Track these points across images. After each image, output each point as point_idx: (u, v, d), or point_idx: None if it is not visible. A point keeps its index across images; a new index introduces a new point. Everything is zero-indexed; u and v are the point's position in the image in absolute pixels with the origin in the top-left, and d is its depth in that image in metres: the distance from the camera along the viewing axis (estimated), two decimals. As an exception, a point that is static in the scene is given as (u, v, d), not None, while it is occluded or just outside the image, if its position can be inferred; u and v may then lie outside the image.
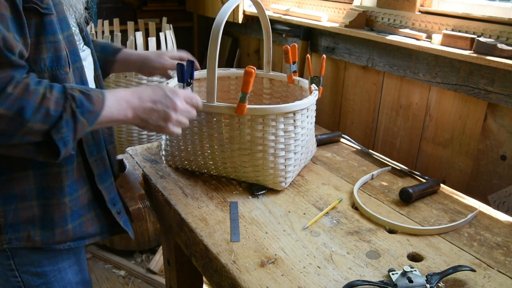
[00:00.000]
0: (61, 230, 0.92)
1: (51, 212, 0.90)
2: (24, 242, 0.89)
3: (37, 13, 0.77)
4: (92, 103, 0.80)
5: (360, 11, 1.64)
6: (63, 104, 0.76)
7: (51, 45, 0.80)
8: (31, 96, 0.72)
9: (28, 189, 0.87)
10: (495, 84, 1.27)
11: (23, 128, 0.72)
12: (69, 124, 0.76)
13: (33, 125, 0.73)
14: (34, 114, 0.72)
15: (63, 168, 0.89)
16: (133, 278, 2.16)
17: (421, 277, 0.82)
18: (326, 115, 2.01)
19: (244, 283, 0.83)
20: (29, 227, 0.89)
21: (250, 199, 1.12)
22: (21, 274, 0.93)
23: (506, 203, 1.32)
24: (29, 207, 0.88)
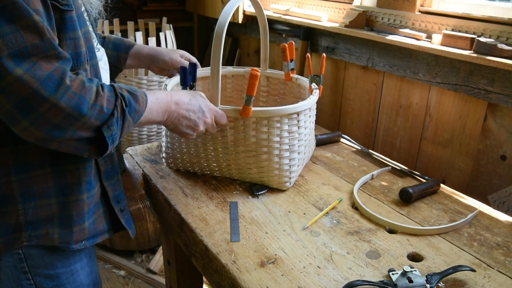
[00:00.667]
0: (79, 228, 0.92)
1: (70, 209, 0.90)
2: (43, 240, 0.89)
3: (58, 9, 0.78)
4: (138, 103, 0.84)
5: (360, 11, 1.64)
6: (114, 102, 0.79)
7: (71, 41, 0.81)
8: (87, 92, 0.75)
9: (47, 187, 0.87)
10: (495, 84, 1.27)
11: (77, 122, 0.75)
12: (119, 121, 0.80)
13: (87, 121, 0.75)
14: (89, 110, 0.75)
15: (81, 165, 0.90)
16: (133, 278, 2.16)
17: (421, 277, 0.82)
18: (326, 115, 2.01)
19: (244, 283, 0.83)
20: (48, 225, 0.89)
21: (250, 199, 1.12)
22: (34, 276, 0.92)
23: (506, 203, 1.32)
24: (48, 204, 0.88)
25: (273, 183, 1.14)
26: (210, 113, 1.01)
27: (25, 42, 0.69)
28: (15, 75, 0.68)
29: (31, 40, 0.69)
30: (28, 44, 0.69)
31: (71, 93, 0.73)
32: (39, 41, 0.70)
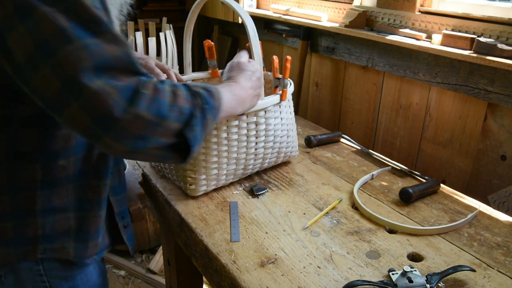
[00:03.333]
0: (94, 243, 0.91)
1: (88, 224, 0.89)
2: (58, 253, 0.88)
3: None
4: (215, 99, 0.81)
5: (360, 11, 1.64)
6: (192, 102, 0.75)
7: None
8: (163, 95, 0.71)
9: (68, 202, 0.86)
10: (495, 84, 1.27)
11: (159, 128, 0.71)
12: (200, 121, 0.76)
13: (169, 125, 0.71)
14: (169, 112, 0.71)
15: (102, 181, 0.89)
16: (133, 278, 2.16)
17: (421, 277, 0.82)
18: (326, 115, 2.01)
19: (244, 283, 0.83)
20: (65, 239, 0.88)
21: (250, 199, 1.12)
22: (50, 279, 0.91)
23: (506, 203, 1.32)
24: (66, 218, 0.87)
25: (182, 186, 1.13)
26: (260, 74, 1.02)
27: (108, 55, 0.66)
28: (94, 88, 0.64)
29: (114, 53, 0.67)
30: (111, 56, 0.66)
31: (148, 99, 0.69)
32: (121, 53, 0.68)
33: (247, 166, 1.17)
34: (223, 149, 1.09)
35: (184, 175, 1.10)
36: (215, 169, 1.10)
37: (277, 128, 1.18)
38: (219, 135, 1.07)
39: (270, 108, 1.14)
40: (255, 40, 1.06)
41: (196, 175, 1.09)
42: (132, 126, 0.68)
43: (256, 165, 1.20)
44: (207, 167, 1.09)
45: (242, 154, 1.13)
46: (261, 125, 1.13)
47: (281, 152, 1.24)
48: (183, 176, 1.11)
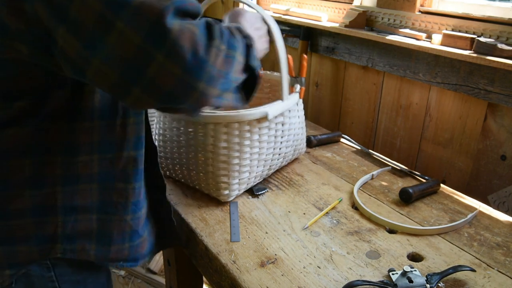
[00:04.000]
0: (118, 247, 0.87)
1: (111, 228, 0.85)
2: (78, 254, 0.84)
3: None
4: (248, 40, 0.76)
5: (360, 11, 1.64)
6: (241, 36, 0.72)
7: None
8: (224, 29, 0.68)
9: (91, 202, 0.82)
10: (495, 84, 1.27)
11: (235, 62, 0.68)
12: (254, 50, 0.74)
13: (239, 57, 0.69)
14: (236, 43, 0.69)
15: (130, 185, 0.85)
16: (133, 278, 2.16)
17: (421, 277, 0.82)
18: (326, 115, 2.01)
19: (244, 283, 0.83)
20: (85, 240, 0.84)
21: (250, 199, 1.12)
22: (61, 284, 0.86)
23: (506, 203, 1.32)
24: (88, 220, 0.83)
25: (212, 193, 1.10)
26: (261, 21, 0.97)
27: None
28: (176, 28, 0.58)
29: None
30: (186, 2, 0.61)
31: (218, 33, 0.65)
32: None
33: (271, 166, 1.18)
34: (255, 151, 1.08)
35: (217, 181, 1.06)
36: (247, 172, 1.08)
37: (296, 127, 1.21)
38: (252, 137, 1.05)
39: (292, 107, 1.17)
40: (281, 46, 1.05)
41: (230, 180, 1.06)
42: (217, 62, 0.64)
43: (277, 164, 1.22)
44: (240, 171, 1.07)
45: (269, 155, 1.14)
46: (286, 124, 1.15)
47: (297, 149, 1.27)
48: (215, 183, 1.06)
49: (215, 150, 1.03)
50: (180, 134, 1.06)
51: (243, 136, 1.04)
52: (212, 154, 1.04)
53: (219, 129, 1.02)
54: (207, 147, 1.03)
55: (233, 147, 1.04)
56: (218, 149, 1.03)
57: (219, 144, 1.03)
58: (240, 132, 1.03)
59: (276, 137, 1.14)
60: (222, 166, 1.04)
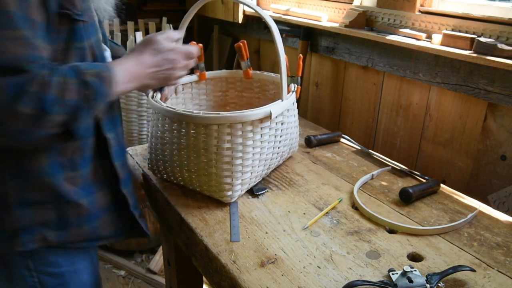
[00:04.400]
0: (76, 230, 0.92)
1: (67, 214, 0.90)
2: (39, 243, 0.89)
3: (70, 19, 0.78)
4: (106, 86, 0.81)
5: (360, 11, 1.64)
6: (80, 93, 0.76)
7: (79, 51, 0.82)
8: (49, 89, 0.72)
9: (44, 193, 0.86)
10: (495, 84, 1.27)
11: (43, 122, 0.73)
12: (86, 112, 0.78)
13: (52, 118, 0.73)
14: (52, 107, 0.72)
15: (78, 172, 0.90)
16: (133, 278, 2.16)
17: (421, 277, 0.82)
18: (326, 115, 2.01)
19: (244, 283, 0.83)
20: (44, 230, 0.88)
21: (250, 199, 1.12)
22: (39, 275, 0.93)
23: (506, 203, 1.32)
24: (44, 210, 0.87)
25: (214, 194, 1.08)
26: (179, 55, 0.95)
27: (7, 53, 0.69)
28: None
29: (11, 52, 0.69)
30: (4, 57, 0.69)
31: (32, 93, 0.71)
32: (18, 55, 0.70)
33: (270, 165, 1.19)
34: (256, 151, 1.07)
35: (220, 183, 1.05)
36: (249, 172, 1.08)
37: (292, 125, 1.22)
38: (254, 137, 1.05)
39: (290, 106, 1.17)
40: (280, 46, 1.07)
41: (234, 181, 1.05)
42: (15, 122, 0.70)
43: (275, 163, 1.23)
44: (243, 171, 1.06)
45: (269, 154, 1.14)
46: (284, 123, 1.16)
47: (292, 147, 1.28)
48: (218, 184, 1.05)
49: (219, 151, 1.02)
50: (181, 136, 1.05)
51: (246, 137, 1.03)
52: (215, 156, 1.03)
53: (222, 130, 1.01)
54: (210, 148, 1.02)
55: (236, 148, 1.03)
56: (221, 150, 1.02)
57: (223, 145, 1.02)
58: (243, 132, 1.02)
59: (276, 136, 1.14)
60: (225, 167, 1.03)
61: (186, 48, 0.97)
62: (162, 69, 0.93)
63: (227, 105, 1.47)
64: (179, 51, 0.95)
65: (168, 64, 0.94)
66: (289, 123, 1.20)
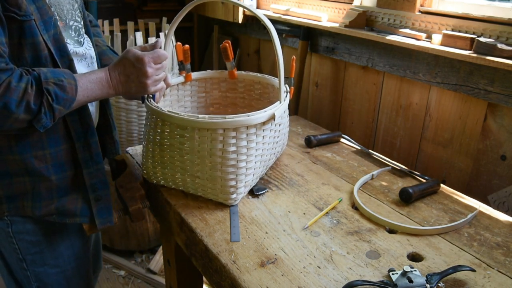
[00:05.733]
0: (46, 203, 1.03)
1: (40, 187, 1.02)
2: (21, 211, 1.03)
3: (15, 20, 0.86)
4: (66, 92, 0.91)
5: (360, 11, 1.64)
6: (41, 99, 0.87)
7: (31, 46, 0.90)
8: (13, 92, 0.84)
9: (19, 169, 0.99)
10: (495, 84, 1.27)
11: (9, 119, 0.86)
12: (47, 114, 0.89)
13: (17, 117, 0.86)
14: (17, 107, 0.84)
15: (47, 151, 1.00)
16: (133, 278, 2.16)
17: (421, 277, 0.82)
18: (326, 115, 2.01)
19: (244, 283, 0.83)
20: (24, 199, 1.02)
21: (250, 199, 1.12)
22: (18, 241, 1.06)
23: (506, 203, 1.32)
24: (22, 182, 1.01)
25: (218, 198, 1.08)
26: (147, 63, 0.98)
27: None
28: None
29: None
30: None
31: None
32: None
33: (267, 165, 1.21)
34: (258, 153, 1.08)
35: (225, 186, 1.05)
36: (251, 174, 1.09)
37: (286, 126, 1.25)
38: (257, 139, 1.05)
39: (286, 108, 1.20)
40: (279, 49, 1.07)
41: (238, 184, 1.06)
42: None
43: (272, 162, 1.25)
44: (246, 174, 1.07)
45: (268, 155, 1.16)
46: (281, 124, 1.18)
47: (283, 145, 1.31)
48: (223, 187, 1.05)
49: (224, 155, 1.01)
50: (183, 141, 1.04)
51: (250, 139, 1.03)
52: (221, 159, 1.02)
53: (228, 134, 1.00)
54: (216, 152, 1.01)
55: (241, 151, 1.03)
56: (227, 154, 1.01)
57: (228, 149, 1.01)
58: (248, 135, 1.03)
59: (275, 137, 1.15)
60: (230, 170, 1.03)
61: (153, 53, 1.01)
62: (134, 77, 0.99)
63: (211, 106, 1.46)
64: (148, 59, 0.99)
65: (139, 72, 0.99)
66: (284, 123, 1.24)
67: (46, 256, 1.10)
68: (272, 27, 1.08)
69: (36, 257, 1.09)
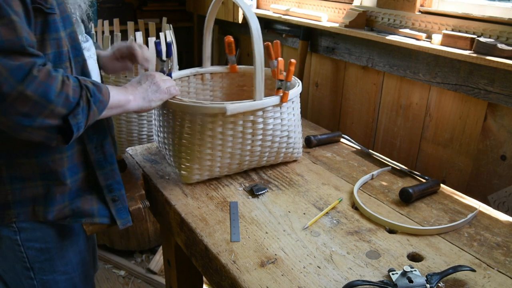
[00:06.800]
0: (60, 207, 1.00)
1: (54, 191, 0.98)
2: (30, 216, 0.98)
3: (42, 12, 0.83)
4: (102, 94, 0.89)
5: (360, 11, 1.64)
6: (80, 92, 0.84)
7: (54, 41, 0.87)
8: (53, 81, 0.79)
9: (33, 172, 0.95)
10: (495, 84, 1.27)
11: (45, 110, 0.79)
12: (84, 111, 0.85)
13: (54, 108, 0.80)
14: (56, 97, 0.79)
15: (64, 154, 0.97)
16: (133, 278, 2.16)
17: (421, 277, 0.82)
18: (326, 115, 2.01)
19: (244, 283, 0.83)
20: (35, 203, 0.98)
21: (250, 199, 1.12)
22: (26, 250, 1.01)
23: (506, 203, 1.32)
24: (34, 186, 0.96)
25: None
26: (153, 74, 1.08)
27: (1, 37, 0.74)
28: None
29: (7, 36, 0.75)
30: (4, 39, 0.74)
31: (38, 81, 0.77)
32: (14, 37, 0.75)
33: (242, 162, 1.20)
34: (217, 142, 1.12)
35: (180, 162, 1.16)
36: (208, 161, 1.15)
37: (276, 129, 1.19)
38: (214, 129, 1.10)
39: (269, 109, 1.14)
40: (257, 38, 1.08)
41: (190, 164, 1.14)
42: (18, 104, 0.76)
43: (252, 162, 1.22)
44: (200, 158, 1.14)
45: (237, 150, 1.16)
46: (258, 124, 1.14)
47: (280, 152, 1.24)
48: (178, 163, 1.16)
49: (180, 135, 1.14)
50: (168, 120, 1.18)
51: (205, 127, 1.10)
52: (177, 137, 1.14)
53: (184, 117, 1.11)
54: (175, 129, 1.15)
55: (195, 135, 1.12)
56: (181, 134, 1.13)
57: (183, 130, 1.13)
58: (203, 122, 1.10)
59: (244, 134, 1.14)
60: (183, 149, 1.14)
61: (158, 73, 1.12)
62: (146, 82, 1.06)
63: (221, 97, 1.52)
64: (154, 73, 1.10)
65: (149, 78, 1.07)
66: (269, 124, 1.17)
67: (55, 263, 1.06)
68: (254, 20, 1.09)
69: (45, 264, 1.04)
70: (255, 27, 1.08)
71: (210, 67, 1.44)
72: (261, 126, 1.15)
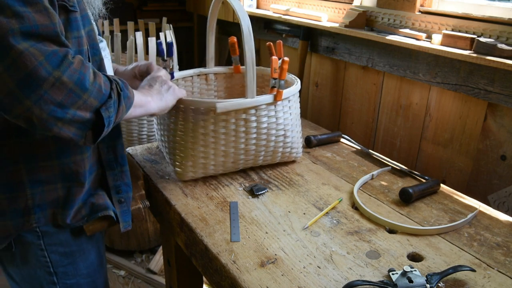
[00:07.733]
0: (78, 207, 0.99)
1: (73, 193, 0.96)
2: (51, 220, 0.96)
3: (65, 10, 0.83)
4: (129, 91, 0.89)
5: (360, 11, 1.64)
6: (110, 86, 0.82)
7: (75, 40, 0.86)
8: (87, 70, 0.77)
9: (53, 175, 0.93)
10: (495, 84, 1.27)
11: (79, 100, 0.76)
12: (115, 104, 0.83)
13: (88, 98, 0.77)
14: (90, 86, 0.77)
15: (85, 155, 0.96)
16: (133, 278, 2.16)
17: (421, 277, 0.82)
18: (326, 115, 2.01)
19: (244, 283, 0.83)
20: (54, 207, 0.95)
21: (250, 199, 1.12)
22: (50, 254, 0.99)
23: (506, 203, 1.32)
24: (54, 189, 0.94)
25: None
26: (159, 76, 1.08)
27: (36, 22, 0.72)
28: (20, 49, 0.69)
29: (42, 21, 0.73)
30: (39, 24, 0.72)
31: (73, 68, 0.74)
32: (49, 23, 0.73)
33: (237, 160, 1.20)
34: (209, 140, 1.13)
35: (174, 159, 1.18)
36: (202, 158, 1.16)
37: (271, 128, 1.18)
38: (206, 126, 1.11)
39: (263, 107, 1.14)
40: (248, 37, 1.09)
41: (183, 161, 1.16)
42: (54, 91, 0.72)
43: (248, 161, 1.22)
44: (194, 155, 1.15)
45: (230, 148, 1.16)
46: (251, 122, 1.14)
47: (277, 152, 1.24)
48: (173, 160, 1.18)
49: (175, 132, 1.16)
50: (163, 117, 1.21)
51: (197, 125, 1.11)
52: (172, 135, 1.17)
53: (177, 115, 1.13)
54: (170, 126, 1.17)
55: (188, 132, 1.13)
56: (175, 131, 1.15)
57: (176, 127, 1.15)
58: (195, 120, 1.11)
59: (237, 132, 1.14)
60: (177, 146, 1.16)
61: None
62: (156, 82, 1.05)
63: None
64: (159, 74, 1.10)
65: (158, 79, 1.07)
66: (268, 124, 1.16)
67: (79, 267, 1.04)
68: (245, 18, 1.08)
69: (68, 268, 1.02)
70: (246, 25, 1.07)
71: (214, 67, 1.44)
72: (254, 125, 1.15)
